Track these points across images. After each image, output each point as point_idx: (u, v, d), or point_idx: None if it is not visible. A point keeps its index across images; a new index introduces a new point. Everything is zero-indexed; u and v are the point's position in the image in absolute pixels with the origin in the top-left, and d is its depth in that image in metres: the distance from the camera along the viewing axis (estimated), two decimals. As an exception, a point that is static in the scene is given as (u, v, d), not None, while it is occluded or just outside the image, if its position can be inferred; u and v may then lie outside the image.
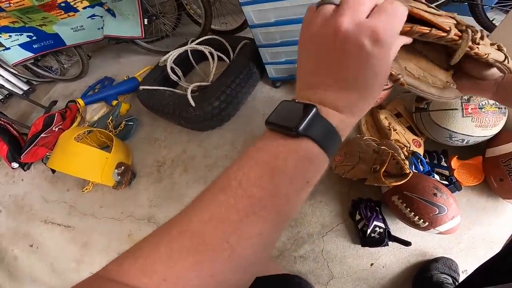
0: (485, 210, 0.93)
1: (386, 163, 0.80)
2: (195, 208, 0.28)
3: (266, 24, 1.09)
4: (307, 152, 0.28)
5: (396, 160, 0.80)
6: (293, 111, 0.29)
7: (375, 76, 0.28)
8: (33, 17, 1.60)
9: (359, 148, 0.92)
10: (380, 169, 0.80)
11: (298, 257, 1.00)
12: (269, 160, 0.29)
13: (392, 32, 0.27)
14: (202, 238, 0.26)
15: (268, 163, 0.28)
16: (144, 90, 1.45)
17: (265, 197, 0.27)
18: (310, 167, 0.29)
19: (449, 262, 0.86)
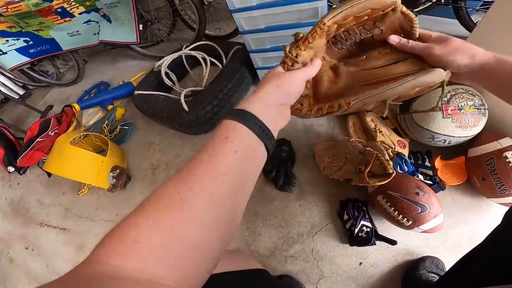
0: (470, 209, 0.95)
1: (371, 164, 0.83)
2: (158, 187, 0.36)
3: (256, 30, 1.12)
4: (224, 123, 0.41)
5: (380, 160, 0.82)
6: None
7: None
8: (30, 22, 1.62)
9: (346, 149, 0.95)
10: (364, 169, 0.83)
11: (288, 257, 1.02)
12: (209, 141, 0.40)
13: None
14: (161, 196, 0.33)
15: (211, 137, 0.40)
16: (139, 95, 1.47)
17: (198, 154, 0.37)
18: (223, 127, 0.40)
19: (436, 261, 0.88)
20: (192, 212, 0.32)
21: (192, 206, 0.32)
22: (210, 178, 0.35)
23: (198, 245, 0.32)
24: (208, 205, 0.33)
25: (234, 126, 0.40)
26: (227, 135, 0.39)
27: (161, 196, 0.33)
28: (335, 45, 0.56)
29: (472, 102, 0.85)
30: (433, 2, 1.36)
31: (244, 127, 0.40)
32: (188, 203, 0.32)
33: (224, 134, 0.39)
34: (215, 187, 0.34)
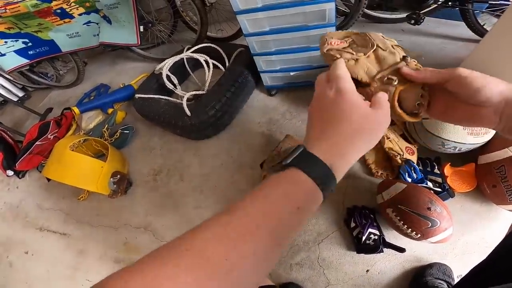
0: (479, 216, 0.93)
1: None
2: (202, 227, 0.31)
3: (260, 32, 1.10)
4: (293, 177, 0.34)
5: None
6: (289, 154, 0.36)
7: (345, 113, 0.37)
8: (29, 23, 1.60)
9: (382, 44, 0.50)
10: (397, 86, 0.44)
11: (294, 265, 1.00)
12: (266, 187, 0.34)
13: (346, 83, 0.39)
14: (205, 255, 0.29)
15: (265, 190, 0.34)
16: (139, 99, 1.45)
17: (259, 217, 0.31)
18: (298, 192, 0.34)
19: (444, 268, 0.87)
20: (238, 281, 0.29)
21: (240, 276, 0.29)
22: (267, 248, 0.31)
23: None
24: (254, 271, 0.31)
25: (311, 192, 0.34)
26: (300, 205, 0.33)
27: (205, 254, 0.29)
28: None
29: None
30: (440, 4, 1.34)
31: (321, 195, 0.35)
32: (237, 273, 0.29)
33: (298, 201, 0.33)
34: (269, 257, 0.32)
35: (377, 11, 1.55)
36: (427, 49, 1.41)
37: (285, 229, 0.33)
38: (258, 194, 0.33)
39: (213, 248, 0.29)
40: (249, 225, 0.31)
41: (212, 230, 0.31)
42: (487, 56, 0.89)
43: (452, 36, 1.43)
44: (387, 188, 0.90)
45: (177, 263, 0.28)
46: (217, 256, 0.29)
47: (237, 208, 0.32)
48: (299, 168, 0.34)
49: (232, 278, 0.29)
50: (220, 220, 0.32)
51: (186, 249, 0.29)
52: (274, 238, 0.32)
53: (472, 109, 0.39)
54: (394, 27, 1.56)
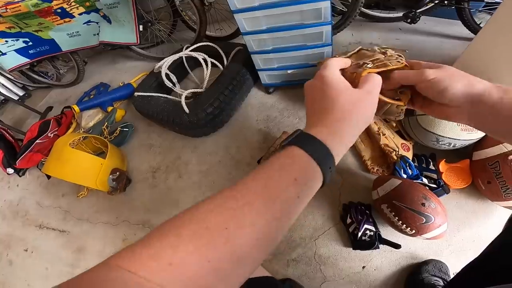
0: (474, 213, 0.94)
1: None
2: (205, 201, 0.33)
3: (257, 31, 1.11)
4: (289, 153, 0.36)
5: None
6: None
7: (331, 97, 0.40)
8: (30, 22, 1.61)
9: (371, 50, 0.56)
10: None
11: (291, 260, 1.01)
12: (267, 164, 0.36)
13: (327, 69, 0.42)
14: (205, 224, 0.30)
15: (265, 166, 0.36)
16: (139, 97, 1.46)
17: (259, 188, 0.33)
18: (293, 164, 0.35)
19: (440, 265, 0.87)
20: (235, 251, 0.30)
21: (238, 245, 0.30)
22: (265, 221, 0.32)
23: (228, 280, 0.30)
24: (253, 246, 0.31)
25: (308, 165, 0.35)
26: (298, 176, 0.34)
27: (206, 224, 0.30)
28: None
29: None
30: (436, 2, 1.35)
31: (319, 171, 0.36)
32: (235, 242, 0.30)
33: (294, 172, 0.34)
34: (267, 231, 0.32)
35: (374, 10, 1.56)
36: (424, 48, 1.42)
37: (284, 201, 0.33)
38: (259, 170, 0.35)
39: (214, 218, 0.31)
40: (248, 197, 0.32)
41: (214, 202, 0.32)
42: (481, 53, 0.90)
43: (449, 35, 1.44)
44: (382, 184, 0.90)
45: (178, 233, 0.29)
46: (217, 226, 0.30)
47: (240, 183, 0.34)
48: (295, 145, 0.36)
49: (231, 247, 0.30)
50: (223, 194, 0.33)
51: (189, 219, 0.31)
52: (273, 211, 0.32)
53: (442, 107, 0.42)
54: (391, 26, 1.57)
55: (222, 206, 0.32)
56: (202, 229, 0.30)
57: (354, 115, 0.39)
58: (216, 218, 0.31)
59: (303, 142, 0.36)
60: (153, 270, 0.27)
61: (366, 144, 1.09)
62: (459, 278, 0.65)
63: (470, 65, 0.94)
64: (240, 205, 0.32)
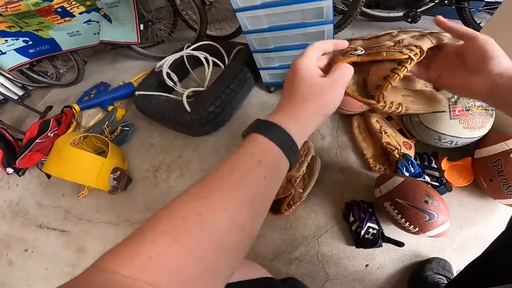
0: (477, 211, 0.94)
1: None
2: (180, 194, 0.34)
3: (259, 30, 1.11)
4: (250, 139, 0.38)
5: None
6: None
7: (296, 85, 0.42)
8: (30, 22, 1.61)
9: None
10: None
11: (293, 259, 1.01)
12: (233, 154, 0.38)
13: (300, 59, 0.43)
14: (180, 215, 0.31)
15: (231, 155, 0.38)
16: (140, 96, 1.46)
17: (226, 173, 0.35)
18: (256, 148, 0.37)
19: (443, 263, 0.87)
20: (213, 236, 0.31)
21: (214, 230, 0.31)
22: (236, 204, 0.33)
23: (213, 267, 0.31)
24: (229, 230, 0.32)
25: (268, 147, 0.38)
26: (261, 158, 0.36)
27: (181, 215, 0.31)
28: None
29: (479, 102, 0.84)
30: (436, 2, 1.35)
31: (279, 151, 0.38)
32: (210, 226, 0.31)
33: (257, 155, 0.36)
34: (239, 213, 0.33)
35: (374, 10, 1.56)
36: (424, 47, 1.42)
37: (251, 183, 0.35)
38: (227, 159, 0.37)
39: (187, 208, 0.32)
40: (216, 183, 0.34)
41: (187, 193, 0.34)
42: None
43: (449, 35, 1.44)
44: (384, 182, 0.90)
45: (155, 227, 0.30)
46: (191, 214, 0.31)
47: (210, 173, 0.36)
48: (255, 132, 0.39)
49: (208, 233, 0.30)
50: (195, 185, 0.35)
51: (165, 213, 0.32)
52: (242, 193, 0.34)
53: (468, 78, 0.43)
54: (392, 25, 1.57)
55: (195, 196, 0.33)
56: (178, 220, 0.31)
57: (315, 102, 0.41)
58: (189, 207, 0.32)
59: (262, 128, 0.39)
60: (136, 268, 0.27)
61: (368, 143, 1.09)
62: (462, 276, 0.65)
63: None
64: (210, 192, 0.33)
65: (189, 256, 0.29)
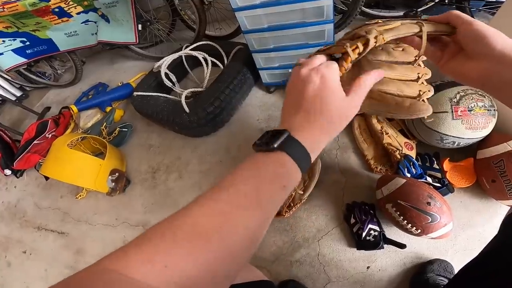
0: (479, 212, 0.93)
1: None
2: (197, 203, 0.34)
3: (259, 29, 1.09)
4: (281, 161, 0.37)
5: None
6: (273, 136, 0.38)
7: (326, 104, 0.39)
8: (27, 22, 1.59)
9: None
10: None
11: (294, 262, 1.00)
12: (254, 167, 0.37)
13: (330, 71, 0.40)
14: (198, 228, 0.31)
15: (253, 169, 0.37)
16: (138, 96, 1.45)
17: (251, 192, 0.34)
18: (285, 174, 0.37)
19: (445, 264, 0.87)
20: (230, 250, 0.31)
21: (232, 247, 0.31)
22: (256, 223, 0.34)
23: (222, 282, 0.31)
24: (245, 243, 0.33)
25: (295, 173, 0.38)
26: (286, 184, 0.36)
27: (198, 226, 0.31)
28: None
29: (482, 103, 0.83)
30: (436, 2, 1.34)
31: (299, 172, 0.38)
32: (229, 243, 0.31)
33: (284, 180, 0.36)
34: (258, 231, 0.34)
35: (374, 9, 1.55)
36: (425, 46, 1.41)
37: (273, 205, 0.36)
38: (248, 173, 0.36)
39: (207, 222, 0.31)
40: (240, 200, 0.33)
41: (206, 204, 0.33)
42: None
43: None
44: (386, 184, 0.89)
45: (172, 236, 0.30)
46: (212, 228, 0.31)
47: (229, 185, 0.35)
48: (285, 152, 0.37)
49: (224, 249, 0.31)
50: (213, 195, 0.34)
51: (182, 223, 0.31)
52: (264, 213, 0.35)
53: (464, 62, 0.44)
54: (392, 25, 1.56)
55: (215, 209, 0.33)
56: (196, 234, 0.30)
57: (337, 123, 0.41)
58: (208, 223, 0.31)
59: (293, 151, 0.38)
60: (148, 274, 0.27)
61: (369, 143, 1.08)
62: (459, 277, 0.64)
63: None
64: (233, 208, 0.33)
65: (204, 269, 0.29)
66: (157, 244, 0.29)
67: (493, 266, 0.51)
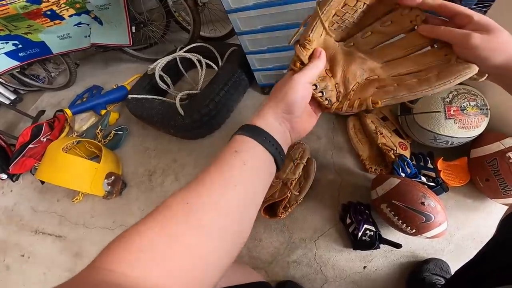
0: (474, 211, 0.94)
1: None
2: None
3: (252, 31, 1.09)
4: (234, 138, 0.41)
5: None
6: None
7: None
8: (19, 25, 1.57)
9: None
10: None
11: (291, 262, 1.00)
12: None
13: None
14: (169, 205, 0.34)
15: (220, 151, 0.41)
16: (133, 99, 1.44)
17: (211, 166, 0.38)
18: (241, 144, 0.40)
19: (441, 263, 0.87)
20: (200, 222, 0.32)
21: (200, 216, 0.32)
22: (219, 189, 0.35)
23: (203, 256, 0.32)
24: (215, 215, 0.33)
25: (243, 140, 0.41)
26: (237, 149, 0.39)
27: (169, 205, 0.33)
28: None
29: (474, 102, 0.83)
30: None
31: (253, 141, 0.40)
32: (196, 213, 0.32)
33: (233, 147, 0.39)
34: (224, 198, 0.35)
35: (369, 8, 1.55)
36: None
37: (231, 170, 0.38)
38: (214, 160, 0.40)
39: (175, 197, 0.34)
40: (203, 174, 0.37)
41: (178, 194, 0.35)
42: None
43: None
44: (381, 184, 0.90)
45: (144, 221, 0.32)
46: (179, 202, 0.34)
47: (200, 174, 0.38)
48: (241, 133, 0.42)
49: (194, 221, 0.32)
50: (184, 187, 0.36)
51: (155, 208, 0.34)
52: (224, 181, 0.36)
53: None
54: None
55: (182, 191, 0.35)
56: (165, 211, 0.33)
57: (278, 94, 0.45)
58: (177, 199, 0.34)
59: (240, 130, 0.43)
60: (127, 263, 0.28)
61: (363, 144, 1.08)
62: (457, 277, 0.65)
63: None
64: (196, 182, 0.36)
65: (177, 244, 0.30)
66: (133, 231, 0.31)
67: (491, 266, 0.51)
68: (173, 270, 0.29)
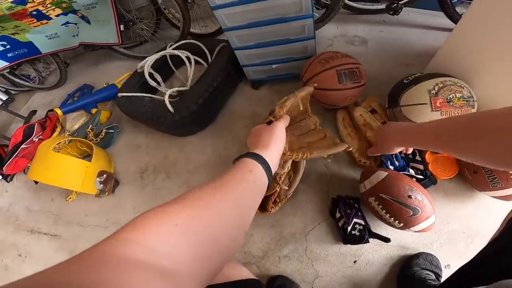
0: (462, 203, 0.94)
1: None
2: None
3: (239, 27, 1.08)
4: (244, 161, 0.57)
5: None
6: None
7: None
8: (5, 25, 1.55)
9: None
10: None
11: (282, 257, 1.01)
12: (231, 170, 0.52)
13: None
14: (200, 195, 0.41)
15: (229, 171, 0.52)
16: (123, 97, 1.43)
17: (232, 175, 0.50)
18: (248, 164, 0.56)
19: (430, 258, 0.87)
20: (223, 212, 0.41)
21: (224, 208, 0.42)
22: (238, 192, 0.47)
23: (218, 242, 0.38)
24: (233, 210, 0.43)
25: (255, 165, 0.56)
26: (251, 169, 0.54)
27: (199, 195, 0.41)
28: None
29: (460, 94, 0.83)
30: (418, -6, 1.34)
31: (261, 168, 0.56)
32: (222, 205, 0.42)
33: (248, 167, 0.54)
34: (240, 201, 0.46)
35: (358, 2, 1.54)
36: (408, 39, 1.42)
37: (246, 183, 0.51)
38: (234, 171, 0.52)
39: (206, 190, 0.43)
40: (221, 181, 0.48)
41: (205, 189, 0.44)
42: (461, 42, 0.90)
43: (431, 26, 1.45)
44: (369, 177, 0.90)
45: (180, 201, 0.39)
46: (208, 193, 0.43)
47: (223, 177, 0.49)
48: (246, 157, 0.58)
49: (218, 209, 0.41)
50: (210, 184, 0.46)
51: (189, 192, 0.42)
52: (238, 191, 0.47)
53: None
54: (376, 18, 1.56)
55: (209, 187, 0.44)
56: (197, 200, 0.40)
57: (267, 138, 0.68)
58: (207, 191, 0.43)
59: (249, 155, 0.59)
60: (161, 236, 0.31)
61: (353, 137, 1.08)
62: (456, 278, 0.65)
63: (451, 54, 0.94)
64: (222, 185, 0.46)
65: (206, 228, 0.36)
66: (168, 210, 0.36)
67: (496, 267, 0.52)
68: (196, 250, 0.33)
